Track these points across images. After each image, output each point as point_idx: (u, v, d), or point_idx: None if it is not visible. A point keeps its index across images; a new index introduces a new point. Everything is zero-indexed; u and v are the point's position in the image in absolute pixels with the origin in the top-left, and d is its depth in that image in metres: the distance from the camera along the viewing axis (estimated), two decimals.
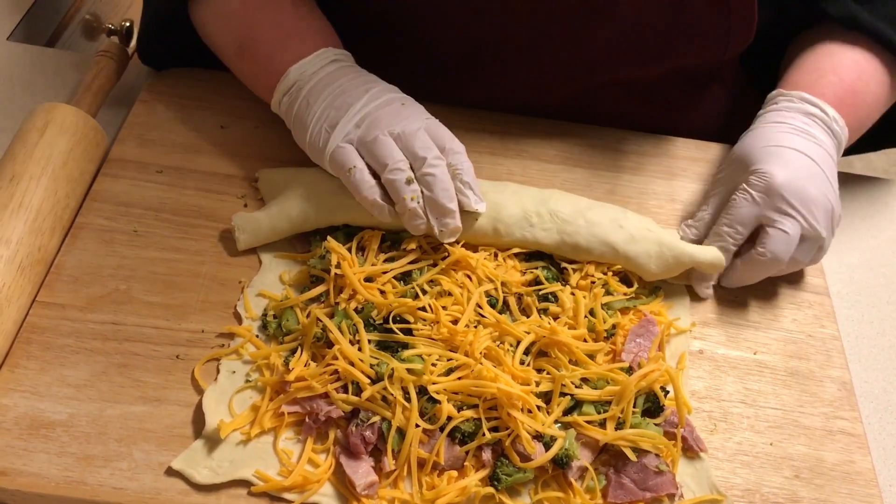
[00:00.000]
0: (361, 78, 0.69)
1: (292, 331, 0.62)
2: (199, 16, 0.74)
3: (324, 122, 0.66)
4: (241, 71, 0.74)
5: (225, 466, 0.56)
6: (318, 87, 0.67)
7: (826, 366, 0.67)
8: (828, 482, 0.60)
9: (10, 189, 0.64)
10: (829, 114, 0.71)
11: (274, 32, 0.70)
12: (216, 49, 0.76)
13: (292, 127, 0.69)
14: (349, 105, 0.66)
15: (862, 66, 0.75)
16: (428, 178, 0.63)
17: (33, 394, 0.58)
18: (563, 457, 0.57)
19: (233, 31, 0.72)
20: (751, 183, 0.67)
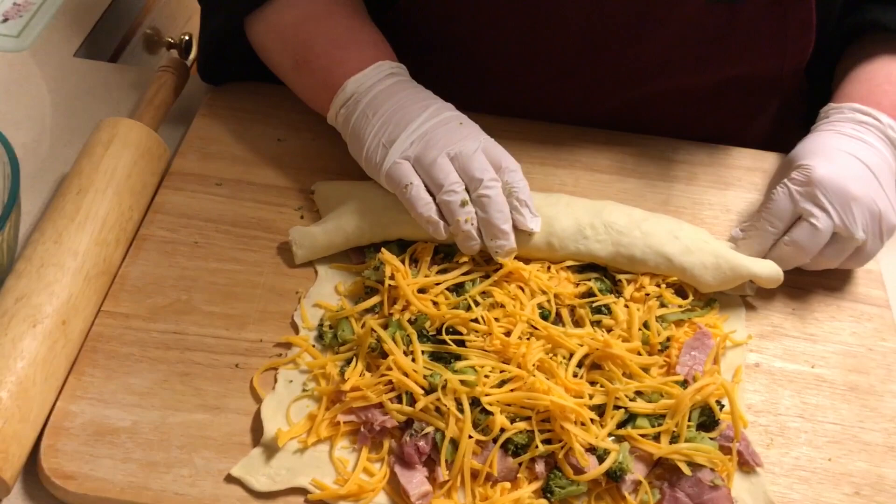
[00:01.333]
0: (419, 94, 0.69)
1: (348, 341, 0.63)
2: (255, 32, 0.76)
3: (381, 138, 0.67)
4: (298, 85, 0.75)
5: (282, 474, 0.57)
6: (376, 101, 0.68)
7: (887, 380, 0.66)
8: (890, 499, 0.59)
9: (77, 202, 0.66)
10: (883, 121, 0.70)
11: (329, 46, 0.72)
12: (272, 64, 0.77)
13: (349, 140, 0.70)
14: (407, 122, 0.67)
15: None
16: (483, 200, 0.64)
17: (99, 401, 0.60)
18: (616, 470, 0.57)
19: (289, 46, 0.73)
20: (791, 177, 0.67)
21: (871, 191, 0.66)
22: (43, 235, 0.64)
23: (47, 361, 0.59)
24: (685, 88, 0.80)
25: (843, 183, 0.65)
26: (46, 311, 0.60)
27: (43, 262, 0.62)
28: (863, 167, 0.67)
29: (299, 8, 0.73)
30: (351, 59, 0.70)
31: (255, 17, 0.75)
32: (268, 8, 0.73)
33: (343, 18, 0.73)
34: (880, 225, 0.67)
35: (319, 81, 0.72)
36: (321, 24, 0.73)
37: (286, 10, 0.73)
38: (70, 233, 0.64)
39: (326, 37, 0.72)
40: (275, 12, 0.73)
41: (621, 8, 0.73)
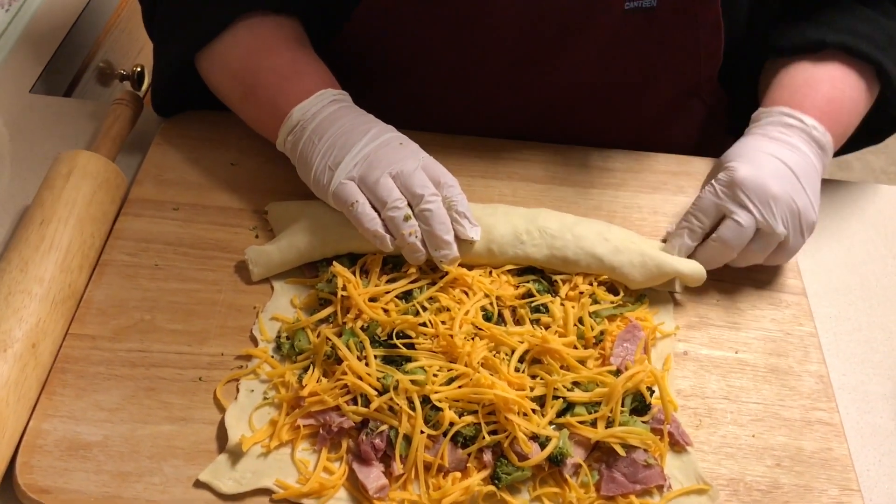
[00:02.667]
0: (362, 118, 0.74)
1: (304, 350, 0.67)
2: (205, 68, 0.80)
3: (327, 161, 0.71)
4: (247, 115, 0.80)
5: (248, 477, 0.61)
6: (321, 127, 0.72)
7: (804, 361, 0.71)
8: (807, 469, 0.65)
9: (41, 231, 0.70)
10: (807, 122, 0.75)
11: (274, 77, 0.76)
12: (222, 96, 0.81)
13: (297, 164, 0.74)
14: (351, 145, 0.71)
15: (836, 77, 0.79)
16: (426, 214, 0.69)
17: (70, 418, 0.64)
18: (557, 455, 0.62)
19: (237, 79, 0.78)
20: (717, 178, 0.72)
21: (790, 189, 0.71)
22: (9, 265, 0.67)
23: (19, 383, 0.62)
24: (610, 96, 0.86)
25: (763, 182, 0.71)
26: (16, 336, 0.63)
27: (10, 289, 0.65)
28: (784, 167, 0.72)
29: (244, 44, 0.77)
30: (295, 88, 0.75)
31: (204, 54, 0.79)
32: (215, 45, 0.78)
33: (286, 51, 0.78)
34: (800, 221, 0.71)
35: (266, 111, 0.76)
36: (265, 57, 0.77)
37: (232, 46, 0.77)
38: (35, 261, 0.68)
39: (271, 69, 0.76)
40: (222, 48, 0.78)
41: (547, 24, 0.78)
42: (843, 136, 0.80)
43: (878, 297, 0.80)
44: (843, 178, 0.93)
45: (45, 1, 1.05)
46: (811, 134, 0.75)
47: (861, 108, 0.81)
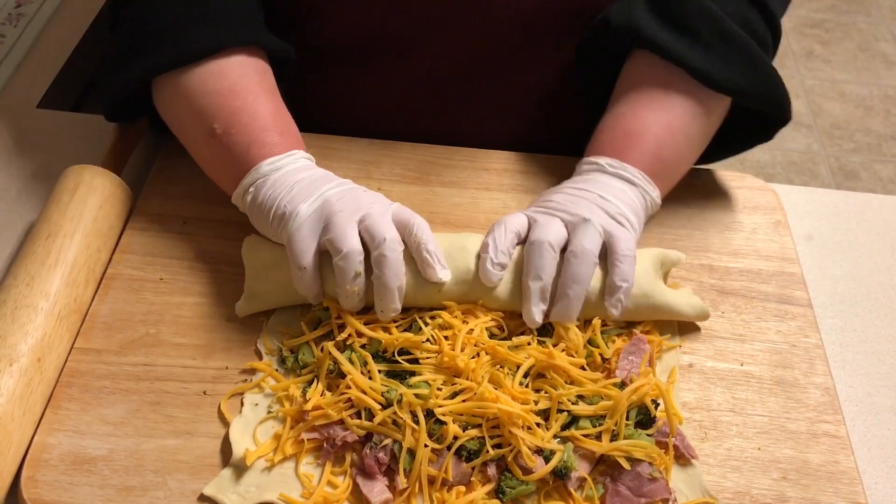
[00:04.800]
0: (328, 174, 0.71)
1: (308, 364, 0.67)
2: (167, 91, 0.75)
3: (286, 200, 0.68)
4: (206, 153, 0.75)
5: (252, 491, 0.61)
6: (286, 177, 0.69)
7: (810, 373, 0.71)
8: (814, 482, 0.64)
9: (48, 246, 0.70)
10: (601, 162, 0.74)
11: (252, 124, 0.72)
12: (179, 126, 0.77)
13: (254, 216, 0.71)
14: (315, 188, 0.68)
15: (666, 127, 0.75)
16: (381, 259, 0.65)
17: (75, 432, 0.64)
18: (562, 469, 0.61)
19: (207, 115, 0.72)
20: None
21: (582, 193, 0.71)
22: (16, 279, 0.68)
23: (24, 397, 0.62)
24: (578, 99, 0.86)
25: (553, 196, 0.72)
26: (22, 350, 0.63)
27: (17, 304, 0.66)
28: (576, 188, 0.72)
29: (225, 80, 0.73)
30: (271, 141, 0.71)
31: (168, 79, 0.74)
32: (187, 73, 0.73)
33: (268, 101, 0.74)
34: (608, 212, 0.69)
35: (234, 157, 0.71)
36: (247, 101, 0.73)
37: (210, 78, 0.73)
38: (41, 276, 0.68)
39: (250, 115, 0.72)
40: (195, 78, 0.73)
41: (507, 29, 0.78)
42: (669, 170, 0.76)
43: (885, 308, 0.79)
44: (850, 188, 0.93)
45: (53, 16, 1.06)
46: (607, 171, 0.73)
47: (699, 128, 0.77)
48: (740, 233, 0.82)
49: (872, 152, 2.28)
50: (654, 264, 0.72)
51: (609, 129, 0.76)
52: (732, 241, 0.81)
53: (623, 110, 0.77)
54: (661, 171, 0.74)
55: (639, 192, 0.72)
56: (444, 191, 0.83)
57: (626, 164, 0.73)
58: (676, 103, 0.75)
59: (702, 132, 0.77)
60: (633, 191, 0.72)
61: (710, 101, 0.76)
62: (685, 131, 0.75)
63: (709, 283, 0.77)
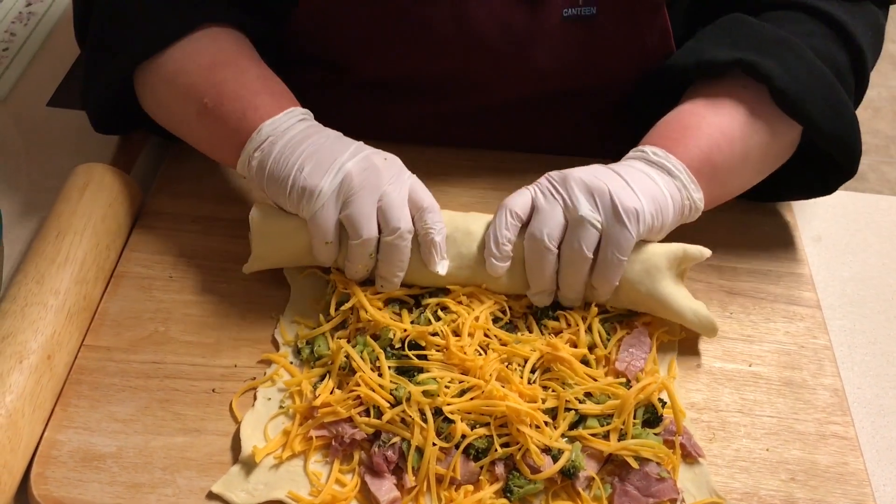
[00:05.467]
0: (335, 134, 0.70)
1: (323, 356, 0.67)
2: (149, 81, 0.75)
3: (305, 173, 0.66)
4: (201, 132, 0.74)
5: (260, 489, 0.61)
6: (293, 142, 0.68)
7: (818, 374, 0.71)
8: (822, 483, 0.64)
9: (57, 244, 0.70)
10: (646, 149, 0.70)
11: (242, 90, 0.71)
12: (167, 114, 0.76)
13: (265, 183, 0.69)
14: (331, 160, 0.67)
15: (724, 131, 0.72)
16: (389, 248, 0.67)
17: (85, 429, 0.64)
18: (570, 468, 0.61)
19: (193, 92, 0.72)
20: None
21: (601, 176, 0.67)
22: (26, 276, 0.68)
23: (34, 394, 0.62)
24: (558, 104, 0.83)
25: (568, 172, 0.68)
26: (32, 348, 0.64)
27: (27, 301, 0.66)
28: (601, 167, 0.69)
29: (206, 54, 0.73)
30: (265, 103, 0.70)
31: (148, 69, 0.74)
32: (165, 57, 0.73)
33: (252, 66, 0.74)
34: (614, 204, 0.65)
35: (230, 127, 0.70)
36: (231, 69, 0.72)
37: (190, 57, 0.73)
38: (51, 273, 0.68)
39: (238, 82, 0.72)
40: (173, 61, 0.73)
41: (487, 36, 0.76)
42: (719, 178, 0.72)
43: (894, 309, 0.79)
44: (858, 190, 0.92)
45: (63, 15, 1.06)
46: (650, 158, 0.70)
47: (758, 143, 0.73)
48: (749, 233, 0.82)
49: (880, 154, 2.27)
50: (669, 258, 0.69)
51: (665, 122, 0.73)
52: (741, 241, 0.81)
53: (684, 108, 0.74)
54: (710, 174, 0.70)
55: (676, 185, 0.68)
56: (452, 190, 0.83)
57: (671, 154, 0.69)
58: (742, 113, 0.72)
59: (761, 152, 0.73)
60: (668, 184, 0.68)
61: (778, 123, 0.73)
62: (744, 142, 0.71)
63: (717, 284, 0.77)
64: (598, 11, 0.75)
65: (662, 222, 0.68)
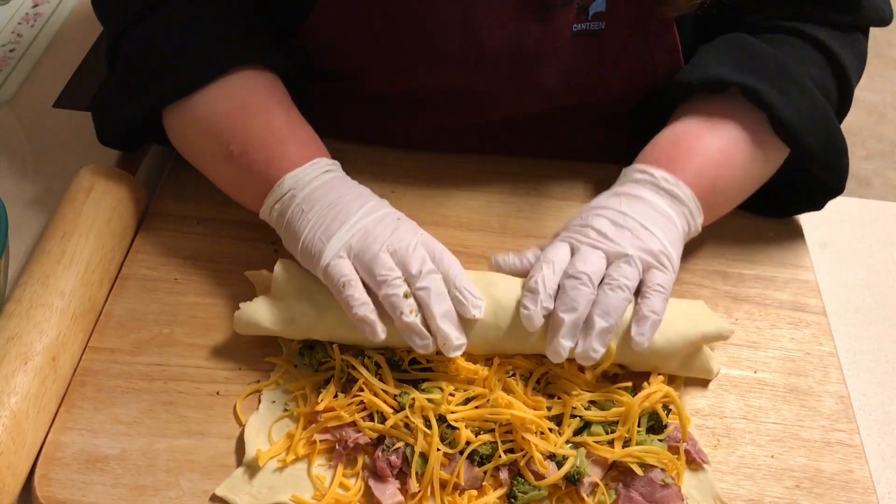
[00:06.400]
0: (355, 190, 0.69)
1: (325, 361, 0.67)
2: (175, 121, 0.75)
3: (318, 232, 0.66)
4: (226, 176, 0.74)
5: (264, 492, 0.61)
6: (313, 196, 0.68)
7: (824, 381, 0.71)
8: (827, 491, 0.64)
9: (62, 245, 0.70)
10: (656, 174, 0.70)
11: (269, 139, 0.71)
12: (193, 152, 0.76)
13: (283, 234, 0.69)
14: (345, 217, 0.66)
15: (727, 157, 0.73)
16: (421, 294, 0.63)
17: (89, 431, 0.64)
18: (574, 474, 0.61)
19: (220, 137, 0.72)
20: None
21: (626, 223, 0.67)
22: (31, 278, 0.68)
23: (39, 396, 0.62)
24: (567, 117, 0.83)
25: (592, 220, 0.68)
26: (37, 349, 0.64)
27: (32, 302, 0.66)
28: (617, 214, 0.68)
29: (235, 99, 0.72)
30: (290, 153, 0.70)
31: (177, 108, 0.74)
32: (195, 98, 0.72)
33: (281, 113, 0.73)
34: (646, 247, 0.66)
35: (255, 175, 0.70)
36: (259, 117, 0.72)
37: (220, 100, 0.72)
38: (56, 275, 0.68)
39: (266, 130, 0.71)
40: (204, 103, 0.72)
41: (494, 45, 0.75)
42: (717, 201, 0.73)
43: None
44: (863, 195, 0.92)
45: (69, 16, 1.06)
46: (660, 185, 0.70)
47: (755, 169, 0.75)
48: (755, 240, 0.81)
49: (885, 159, 2.27)
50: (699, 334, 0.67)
51: (670, 141, 0.73)
52: (746, 247, 0.81)
53: (688, 127, 0.74)
54: (712, 201, 0.72)
55: (684, 215, 0.69)
56: (456, 193, 0.83)
57: (681, 182, 0.70)
58: (743, 138, 0.73)
59: (755, 176, 0.75)
60: (679, 214, 0.69)
61: (772, 148, 0.74)
62: (742, 168, 0.73)
63: (723, 290, 0.77)
64: (606, 27, 0.75)
65: (677, 255, 0.69)
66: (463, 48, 0.75)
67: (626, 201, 0.69)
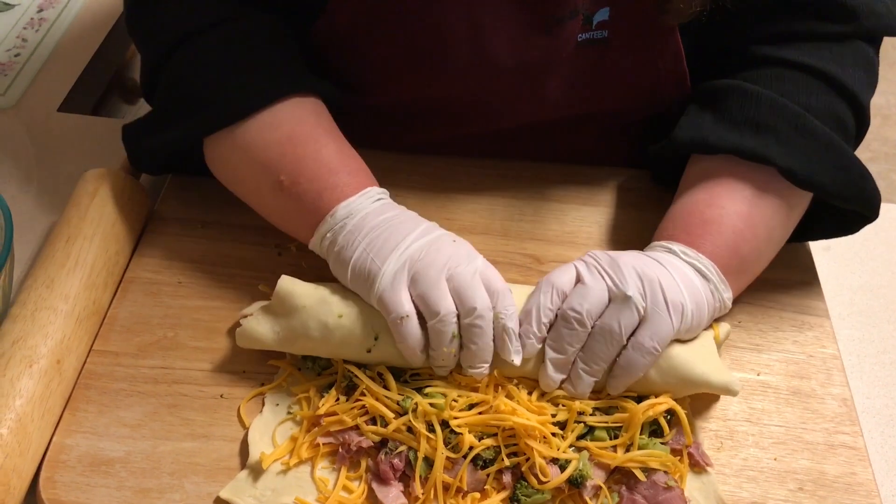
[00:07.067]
0: (407, 214, 0.69)
1: (329, 366, 0.67)
2: (221, 150, 0.73)
3: (371, 254, 0.65)
4: (275, 206, 0.72)
5: (268, 495, 0.61)
6: (365, 221, 0.67)
7: (827, 384, 0.71)
8: (830, 493, 0.64)
9: (67, 249, 0.71)
10: (675, 248, 0.69)
11: (319, 170, 0.70)
12: (238, 182, 0.75)
13: (333, 262, 0.68)
14: (399, 239, 0.65)
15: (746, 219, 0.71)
16: (474, 331, 0.62)
17: (93, 434, 0.64)
18: (577, 477, 0.61)
19: (270, 167, 0.70)
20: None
21: (650, 266, 0.66)
22: (36, 281, 0.68)
23: (44, 399, 0.63)
24: (574, 125, 0.84)
25: (617, 256, 0.66)
26: (41, 352, 0.64)
27: (37, 306, 0.66)
28: (645, 257, 0.68)
29: (284, 128, 0.71)
30: (342, 184, 0.69)
31: (221, 136, 0.72)
32: (242, 127, 0.71)
33: (330, 142, 0.72)
34: (663, 294, 0.64)
35: (306, 205, 0.69)
36: (309, 146, 0.71)
37: (268, 130, 0.71)
38: (61, 278, 0.68)
39: (316, 160, 0.70)
40: (252, 132, 0.71)
41: (501, 57, 0.75)
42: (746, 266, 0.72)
43: None
44: None
45: (74, 21, 1.07)
46: (680, 258, 0.68)
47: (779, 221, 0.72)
48: None
49: (890, 162, 2.26)
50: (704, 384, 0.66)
51: (683, 214, 0.72)
52: None
53: (699, 196, 0.72)
54: (738, 267, 0.70)
55: (710, 288, 0.67)
56: (459, 197, 0.84)
57: (701, 254, 0.68)
58: (757, 195, 0.71)
59: (783, 227, 0.73)
60: (703, 286, 0.67)
61: (792, 195, 0.72)
62: (766, 225, 0.71)
63: None
64: (610, 35, 0.75)
65: (698, 322, 0.66)
66: (471, 60, 0.75)
67: (655, 255, 0.68)
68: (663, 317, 0.63)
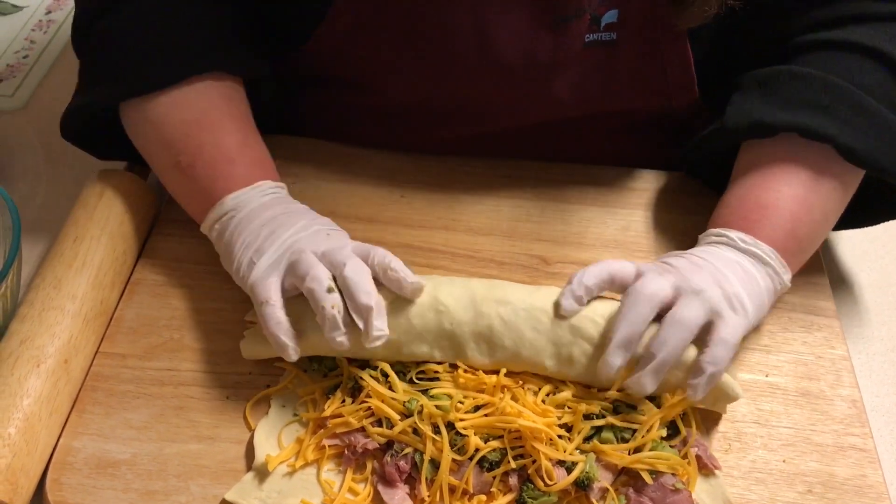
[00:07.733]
0: (292, 208, 0.70)
1: (335, 367, 0.67)
2: (131, 118, 0.74)
3: (250, 252, 0.66)
4: (174, 185, 0.74)
5: (273, 497, 0.61)
6: (249, 217, 0.68)
7: (836, 385, 0.70)
8: (840, 496, 0.64)
9: (75, 249, 0.71)
10: (732, 235, 0.69)
11: (218, 157, 0.71)
12: (146, 153, 0.75)
13: (221, 253, 0.70)
14: (277, 236, 0.66)
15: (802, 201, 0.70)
16: (346, 279, 0.62)
17: (99, 436, 0.64)
18: (584, 479, 0.61)
19: (173, 146, 0.71)
20: None
21: (707, 268, 0.66)
22: (43, 281, 0.68)
23: (51, 398, 0.63)
24: (579, 127, 0.83)
25: (675, 262, 0.67)
26: (49, 352, 0.64)
27: (44, 305, 0.66)
28: (700, 259, 0.67)
29: (192, 110, 0.71)
30: (236, 174, 0.70)
31: (134, 106, 0.72)
32: (153, 101, 0.71)
33: (236, 130, 0.72)
34: (723, 289, 0.64)
35: (199, 190, 0.71)
36: (213, 133, 0.71)
37: (176, 109, 0.71)
38: (68, 278, 0.69)
39: (216, 147, 0.71)
40: (162, 107, 0.71)
41: (508, 56, 0.74)
42: (803, 248, 0.71)
43: None
44: None
45: None
46: (738, 247, 0.68)
47: (834, 202, 0.72)
48: None
49: None
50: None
51: (739, 200, 0.71)
52: None
53: (754, 181, 0.71)
54: (795, 249, 0.69)
55: (768, 273, 0.67)
56: (465, 198, 0.83)
57: (759, 240, 0.68)
58: (813, 178, 0.70)
59: (837, 207, 0.72)
60: (761, 272, 0.67)
61: (847, 175, 0.71)
62: (822, 207, 0.70)
63: None
64: (618, 38, 0.75)
65: (759, 317, 0.67)
66: (477, 58, 0.75)
67: (704, 252, 0.68)
68: (729, 312, 0.63)
